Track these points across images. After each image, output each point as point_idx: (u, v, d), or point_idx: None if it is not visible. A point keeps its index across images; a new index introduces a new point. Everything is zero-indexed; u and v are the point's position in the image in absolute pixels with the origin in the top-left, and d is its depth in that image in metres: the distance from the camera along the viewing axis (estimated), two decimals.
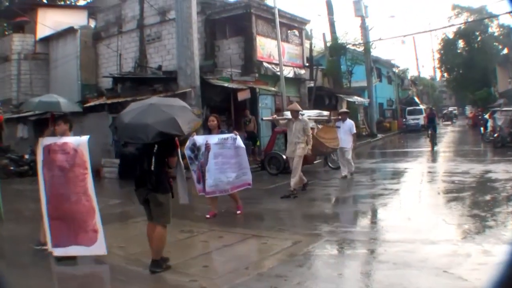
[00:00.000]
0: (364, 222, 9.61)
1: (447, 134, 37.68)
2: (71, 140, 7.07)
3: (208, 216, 9.74)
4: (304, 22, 29.47)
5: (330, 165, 17.34)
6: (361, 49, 37.03)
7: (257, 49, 24.31)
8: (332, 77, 36.15)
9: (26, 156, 21.47)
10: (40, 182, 7.10)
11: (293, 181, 11.86)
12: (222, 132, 9.88)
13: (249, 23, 24.08)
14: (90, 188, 6.89)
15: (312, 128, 14.08)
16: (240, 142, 9.70)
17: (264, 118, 19.03)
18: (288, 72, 25.80)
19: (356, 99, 35.40)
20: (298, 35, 28.94)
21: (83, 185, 6.91)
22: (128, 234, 9.10)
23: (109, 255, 7.20)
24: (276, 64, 24.70)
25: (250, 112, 21.65)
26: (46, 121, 15.69)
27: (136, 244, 8.08)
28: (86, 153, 6.90)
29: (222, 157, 9.57)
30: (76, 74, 27.33)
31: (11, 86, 28.60)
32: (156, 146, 6.22)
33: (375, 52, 39.26)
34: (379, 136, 36.11)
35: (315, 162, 17.33)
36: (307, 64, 29.62)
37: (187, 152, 9.62)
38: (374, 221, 9.57)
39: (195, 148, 9.63)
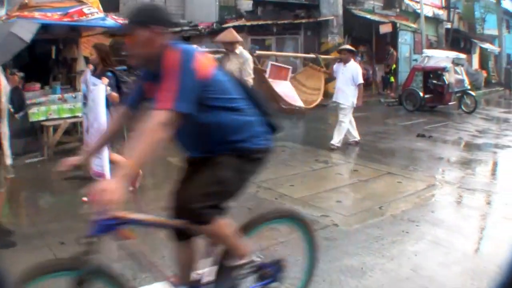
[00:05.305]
0: (495, 172, 8.77)
1: None
2: None
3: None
4: None
5: (464, 108, 16.02)
6: None
7: None
8: (467, 22, 33.92)
9: None
10: None
11: None
12: (104, 74, 5.89)
13: None
14: None
15: (263, 70, 8.84)
16: (97, 95, 5.80)
17: None
18: (428, 11, 24.10)
19: (489, 46, 32.69)
20: None
21: None
22: None
23: None
24: (416, 2, 22.93)
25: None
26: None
27: (267, 170, 7.60)
28: None
29: (89, 111, 6.01)
30: None
31: None
32: None
33: (505, 4, 35.51)
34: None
35: (450, 103, 16.13)
36: (444, 5, 27.76)
37: (82, 87, 6.43)
38: (504, 173, 8.63)
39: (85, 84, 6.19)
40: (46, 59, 9.84)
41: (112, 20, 8.83)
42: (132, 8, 2.83)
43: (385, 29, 19.61)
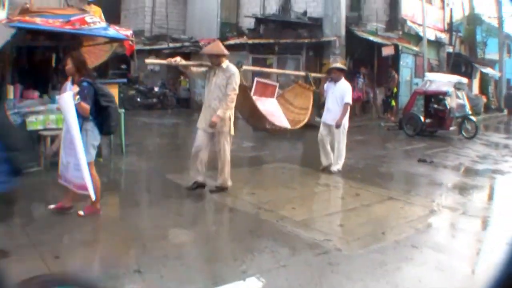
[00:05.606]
0: (496, 198, 8.78)
1: None
2: None
3: (51, 206, 5.96)
4: None
5: (464, 134, 15.86)
6: (495, 22, 34.01)
7: (402, 6, 22.53)
8: (468, 46, 34.02)
9: (156, 89, 21.06)
10: None
11: (221, 177, 7.15)
12: (81, 84, 5.58)
13: None
14: None
15: (247, 87, 8.46)
16: (63, 103, 5.58)
17: (147, 61, 9.62)
18: (430, 34, 24.12)
19: (490, 70, 32.76)
20: None
21: None
22: (260, 180, 8.54)
23: (240, 201, 6.80)
24: (419, 25, 23.03)
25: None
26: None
27: (267, 191, 7.58)
28: None
29: (66, 125, 5.70)
30: (216, 11, 24.48)
31: (144, 18, 25.85)
32: None
33: (507, 28, 35.92)
34: (506, 111, 33.73)
35: (450, 128, 15.98)
36: (446, 29, 27.85)
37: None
38: (505, 199, 8.49)
39: None
40: (46, 67, 9.68)
41: (114, 30, 8.77)
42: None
43: (387, 51, 19.61)
